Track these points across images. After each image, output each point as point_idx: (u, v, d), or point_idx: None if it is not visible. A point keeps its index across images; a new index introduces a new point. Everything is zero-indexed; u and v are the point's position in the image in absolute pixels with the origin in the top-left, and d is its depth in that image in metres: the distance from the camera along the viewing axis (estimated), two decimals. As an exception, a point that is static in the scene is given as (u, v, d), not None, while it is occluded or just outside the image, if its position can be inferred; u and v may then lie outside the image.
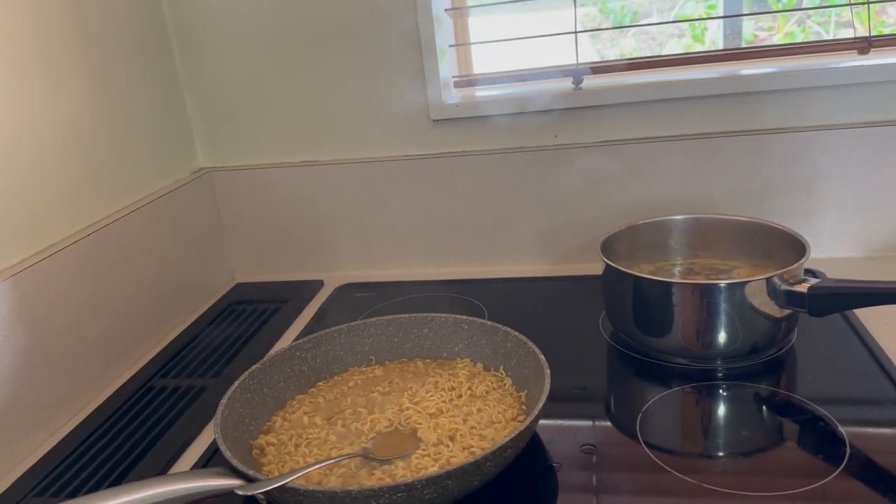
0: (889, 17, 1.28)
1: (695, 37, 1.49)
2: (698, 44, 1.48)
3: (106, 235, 0.95)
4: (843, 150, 1.02)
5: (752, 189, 1.06)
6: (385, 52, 1.10)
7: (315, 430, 0.75)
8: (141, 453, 0.77)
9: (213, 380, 0.91)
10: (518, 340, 0.80)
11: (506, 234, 1.17)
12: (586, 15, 1.49)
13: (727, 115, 1.05)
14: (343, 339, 0.87)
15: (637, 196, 1.10)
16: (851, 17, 1.04)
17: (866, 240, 1.06)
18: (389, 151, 1.16)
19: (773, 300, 0.78)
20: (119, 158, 1.02)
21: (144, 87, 1.09)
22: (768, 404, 0.77)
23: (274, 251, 1.24)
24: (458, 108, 1.11)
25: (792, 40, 1.36)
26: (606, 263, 0.87)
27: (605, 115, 1.09)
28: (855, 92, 1.01)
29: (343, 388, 0.83)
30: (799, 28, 1.40)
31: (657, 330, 0.84)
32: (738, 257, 0.94)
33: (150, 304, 1.03)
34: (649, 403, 0.77)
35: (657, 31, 1.43)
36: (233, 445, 0.68)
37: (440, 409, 0.76)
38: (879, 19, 1.29)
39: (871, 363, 0.79)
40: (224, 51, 1.15)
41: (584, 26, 1.25)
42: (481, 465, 0.61)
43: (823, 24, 1.34)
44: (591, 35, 1.30)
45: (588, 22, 1.44)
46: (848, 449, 0.66)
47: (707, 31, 1.46)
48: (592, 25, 1.44)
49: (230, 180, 1.21)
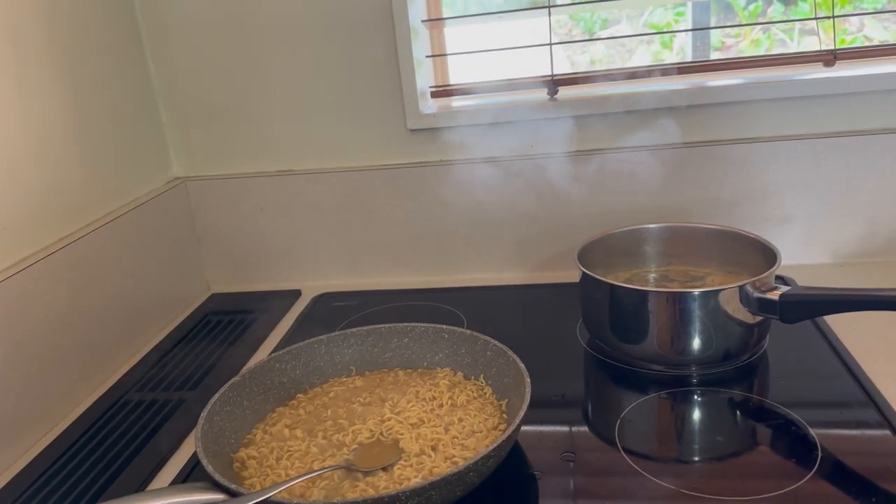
0: (851, 24, 1.32)
1: (663, 43, 1.52)
2: (667, 50, 1.51)
3: (79, 248, 0.94)
4: (811, 159, 1.05)
5: (724, 198, 1.09)
6: (362, 62, 1.11)
7: (296, 443, 0.75)
8: (118, 469, 0.76)
9: (190, 392, 0.90)
10: (498, 349, 0.81)
11: (484, 243, 1.17)
12: (557, 21, 1.51)
13: (698, 125, 1.07)
14: (323, 350, 0.87)
15: (612, 205, 1.11)
16: (815, 25, 1.07)
17: (834, 247, 1.09)
18: (366, 161, 1.16)
19: (746, 307, 0.80)
20: (92, 169, 1.01)
21: (118, 97, 1.08)
22: (742, 409, 0.78)
23: (250, 261, 1.23)
24: (435, 118, 1.12)
25: (757, 47, 1.40)
26: (583, 272, 0.88)
27: (579, 125, 1.10)
28: (822, 103, 1.04)
29: (324, 399, 0.83)
30: (764, 35, 1.44)
31: (633, 337, 0.85)
32: (711, 264, 0.96)
33: (124, 316, 1.02)
34: (627, 410, 0.78)
35: (627, 39, 1.46)
36: (214, 459, 0.68)
37: (421, 419, 0.76)
38: (842, 27, 1.32)
39: (841, 368, 0.82)
40: (199, 60, 1.15)
41: (556, 33, 1.27)
42: (464, 475, 0.61)
43: (787, 31, 1.38)
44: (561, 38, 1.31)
45: (559, 28, 1.46)
46: (819, 452, 0.68)
47: (675, 38, 1.49)
48: (563, 31, 1.46)
49: (205, 190, 1.20)
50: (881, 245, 1.08)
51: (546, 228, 1.15)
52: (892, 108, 1.03)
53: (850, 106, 1.04)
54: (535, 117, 1.10)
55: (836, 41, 1.06)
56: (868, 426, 0.72)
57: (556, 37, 1.40)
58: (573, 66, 1.42)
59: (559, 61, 1.11)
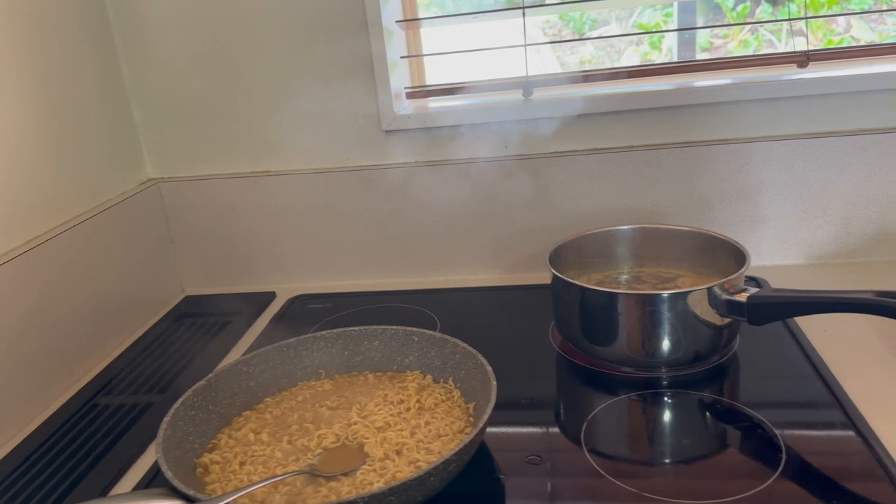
0: (839, 25, 1.32)
1: (652, 44, 1.52)
2: (655, 51, 1.51)
3: (48, 250, 0.93)
4: (784, 160, 1.05)
5: (698, 199, 1.09)
6: (336, 62, 1.10)
7: (261, 447, 0.74)
8: (81, 474, 0.75)
9: (159, 396, 0.90)
10: (467, 352, 0.80)
11: (459, 245, 1.17)
12: (547, 22, 1.51)
13: (673, 126, 1.07)
14: (292, 354, 0.87)
15: (587, 206, 1.11)
16: (803, 26, 1.07)
17: (808, 247, 1.09)
18: (341, 162, 1.15)
19: (715, 309, 0.80)
20: (63, 170, 1.00)
21: (90, 98, 1.07)
22: (710, 411, 0.78)
23: (225, 263, 1.22)
24: (410, 118, 1.12)
25: (746, 48, 1.40)
26: (553, 274, 0.88)
27: (554, 127, 1.10)
28: (795, 104, 1.04)
29: (291, 403, 0.82)
30: (752, 36, 1.44)
31: (603, 339, 0.85)
32: (683, 266, 0.96)
33: (95, 319, 1.01)
34: (594, 412, 0.78)
35: (616, 39, 1.46)
36: (175, 465, 0.67)
37: (388, 423, 0.75)
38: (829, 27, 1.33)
39: (809, 369, 0.82)
40: (172, 61, 1.14)
41: (546, 33, 1.27)
42: (424, 480, 0.61)
43: (776, 33, 1.38)
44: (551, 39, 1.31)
45: (549, 28, 1.46)
46: (784, 454, 0.68)
47: (664, 38, 1.49)
48: (553, 32, 1.46)
49: (179, 191, 1.19)
50: (855, 246, 1.08)
51: (521, 230, 1.14)
52: (864, 109, 1.03)
53: (824, 107, 1.04)
54: (511, 118, 1.10)
55: (809, 43, 1.06)
56: (833, 427, 0.72)
57: (546, 37, 1.40)
58: (563, 66, 1.42)
59: (549, 61, 1.11)
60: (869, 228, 1.07)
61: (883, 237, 1.06)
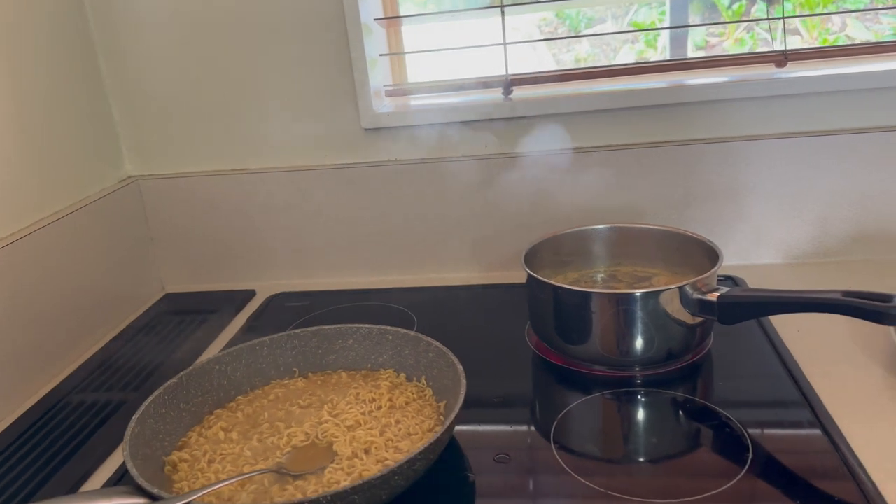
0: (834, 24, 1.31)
1: (648, 43, 1.52)
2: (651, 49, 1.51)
3: (24, 247, 0.93)
4: (763, 160, 1.05)
5: (676, 198, 1.09)
6: (315, 59, 1.10)
7: (230, 446, 0.74)
8: (51, 472, 0.75)
9: (133, 393, 0.89)
10: (439, 350, 0.80)
11: (438, 243, 1.17)
12: (543, 20, 1.51)
13: (651, 125, 1.07)
14: (265, 352, 0.87)
15: (566, 205, 1.11)
16: (798, 26, 1.07)
17: (787, 247, 1.10)
18: (321, 160, 1.15)
19: (686, 308, 0.80)
20: (40, 166, 1.00)
21: (68, 94, 1.06)
22: (681, 410, 0.78)
23: (205, 261, 1.22)
24: (390, 117, 1.12)
25: (741, 46, 1.40)
26: (528, 273, 0.88)
27: (534, 126, 1.10)
28: (773, 104, 1.05)
29: (263, 401, 0.82)
30: (748, 34, 1.44)
31: (577, 338, 0.85)
32: (659, 265, 0.97)
33: (72, 317, 1.01)
34: (565, 411, 0.78)
35: (611, 37, 1.46)
36: (143, 463, 0.67)
37: (358, 422, 0.75)
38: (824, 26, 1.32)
39: (780, 368, 0.82)
40: (152, 57, 1.13)
41: (542, 31, 1.27)
42: (388, 479, 0.61)
43: (772, 31, 1.38)
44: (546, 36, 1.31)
45: (545, 26, 1.46)
46: (751, 454, 0.68)
47: (659, 37, 1.49)
48: (549, 30, 1.46)
49: (159, 189, 1.19)
50: (832, 245, 1.08)
51: (501, 229, 1.14)
52: (842, 109, 1.03)
53: (801, 107, 1.04)
54: (490, 117, 1.10)
55: (788, 43, 1.06)
56: (801, 426, 0.73)
57: (542, 35, 1.40)
58: (558, 63, 1.42)
59: (544, 58, 1.11)
60: (846, 228, 1.07)
61: (860, 237, 1.07)
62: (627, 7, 1.43)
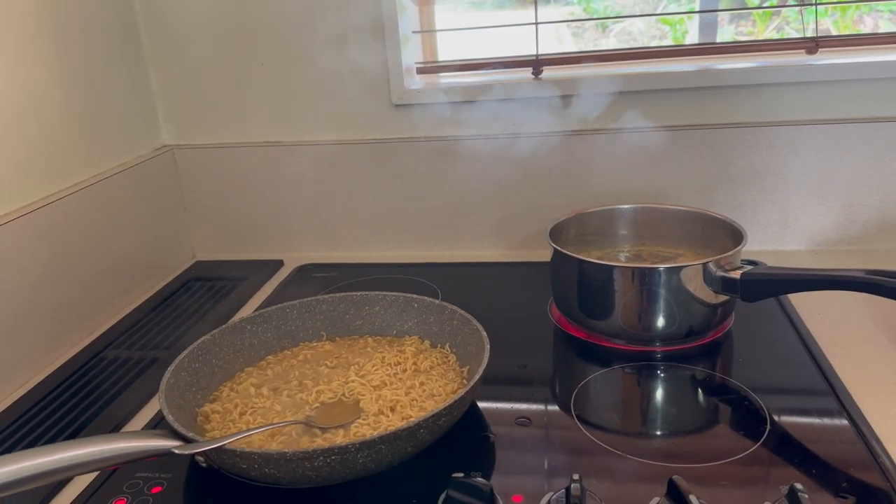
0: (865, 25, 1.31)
1: (676, 39, 1.52)
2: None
3: (62, 207, 0.96)
4: (789, 146, 1.06)
5: (702, 181, 1.10)
6: (348, 35, 1.12)
7: (261, 400, 0.77)
8: (86, 421, 0.78)
9: (164, 352, 0.92)
10: (464, 318, 0.82)
11: (465, 220, 1.19)
12: (571, 14, 1.52)
13: (680, 108, 1.08)
14: (295, 315, 0.89)
15: (592, 185, 1.12)
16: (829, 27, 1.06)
17: (810, 234, 1.10)
18: (351, 135, 1.17)
19: (709, 285, 0.82)
20: (79, 132, 1.03)
21: (109, 64, 1.09)
22: (699, 384, 0.80)
23: (235, 230, 1.25)
24: (420, 93, 1.13)
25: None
26: (553, 247, 0.89)
27: (562, 106, 1.11)
28: (803, 90, 1.05)
29: (292, 361, 0.85)
30: (778, 34, 1.43)
31: (599, 312, 0.86)
32: (682, 245, 0.98)
33: (107, 278, 1.04)
34: (585, 381, 0.80)
35: (638, 32, 1.46)
36: (177, 412, 0.70)
37: (384, 382, 0.78)
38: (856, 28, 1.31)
39: (800, 347, 0.83)
40: (190, 31, 1.16)
41: (568, 25, 1.28)
42: (415, 431, 0.63)
43: (801, 31, 1.38)
44: (573, 34, 1.32)
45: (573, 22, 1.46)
46: (768, 426, 0.69)
47: (688, 34, 1.49)
48: (577, 25, 1.46)
49: (193, 158, 1.22)
50: (857, 233, 1.08)
51: (527, 207, 1.16)
52: (869, 97, 1.03)
53: (830, 94, 1.04)
54: (520, 96, 1.11)
55: (819, 30, 1.06)
56: (819, 402, 0.73)
57: (568, 29, 1.40)
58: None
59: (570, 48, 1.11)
60: (871, 216, 1.07)
61: (884, 225, 1.07)
62: (655, 4, 1.43)
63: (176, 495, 0.66)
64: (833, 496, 0.60)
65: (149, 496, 0.66)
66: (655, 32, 1.47)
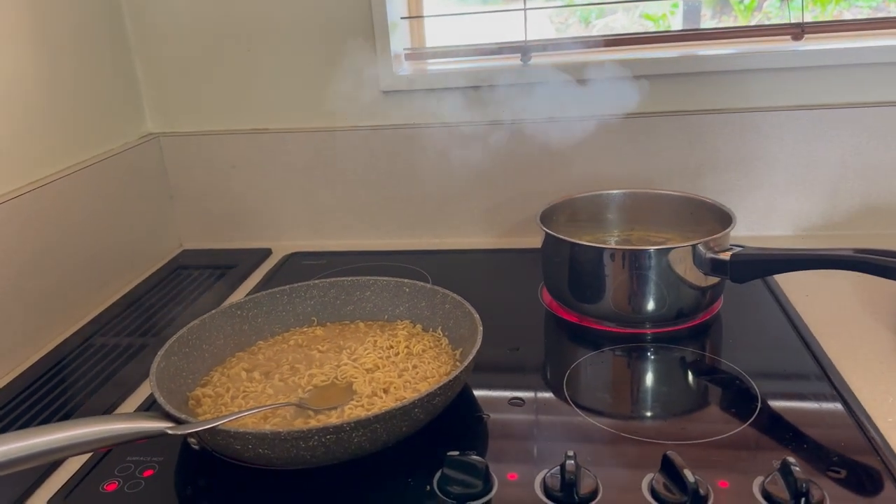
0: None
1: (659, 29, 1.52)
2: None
3: (47, 194, 0.95)
4: (776, 131, 1.07)
5: (689, 167, 1.10)
6: (337, 21, 1.11)
7: (252, 384, 0.76)
8: (75, 407, 0.77)
9: (153, 339, 0.92)
10: (455, 301, 0.82)
11: (454, 207, 1.19)
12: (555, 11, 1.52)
13: (667, 95, 1.09)
14: (285, 300, 0.89)
15: (582, 172, 1.13)
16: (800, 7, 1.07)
17: (797, 219, 1.11)
18: (339, 122, 1.17)
19: (698, 267, 0.82)
20: (63, 119, 1.02)
21: (93, 50, 1.08)
22: (689, 364, 0.80)
23: (223, 219, 1.24)
24: (409, 80, 1.13)
25: None
26: (544, 231, 0.89)
27: (551, 92, 1.11)
28: (788, 76, 1.06)
29: (283, 346, 0.84)
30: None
31: (589, 295, 0.87)
32: (672, 230, 0.98)
33: (93, 266, 1.03)
34: (577, 363, 0.80)
35: (622, 28, 1.46)
36: (168, 395, 0.69)
37: (377, 365, 0.78)
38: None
39: (789, 329, 0.84)
40: (175, 16, 1.15)
41: (552, 20, 1.28)
42: (409, 411, 0.63)
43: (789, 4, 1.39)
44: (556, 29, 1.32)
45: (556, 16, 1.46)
46: (759, 404, 0.70)
47: (671, 28, 1.49)
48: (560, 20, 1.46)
49: (179, 146, 1.21)
50: (841, 218, 1.10)
51: (516, 194, 1.16)
52: (855, 82, 1.04)
53: (816, 80, 1.05)
54: (508, 82, 1.11)
55: (805, 16, 1.07)
56: (809, 381, 0.74)
57: (552, 24, 1.41)
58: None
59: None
60: (855, 202, 1.08)
61: (868, 211, 1.08)
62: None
63: (168, 478, 0.66)
64: (824, 471, 0.61)
65: (140, 479, 0.65)
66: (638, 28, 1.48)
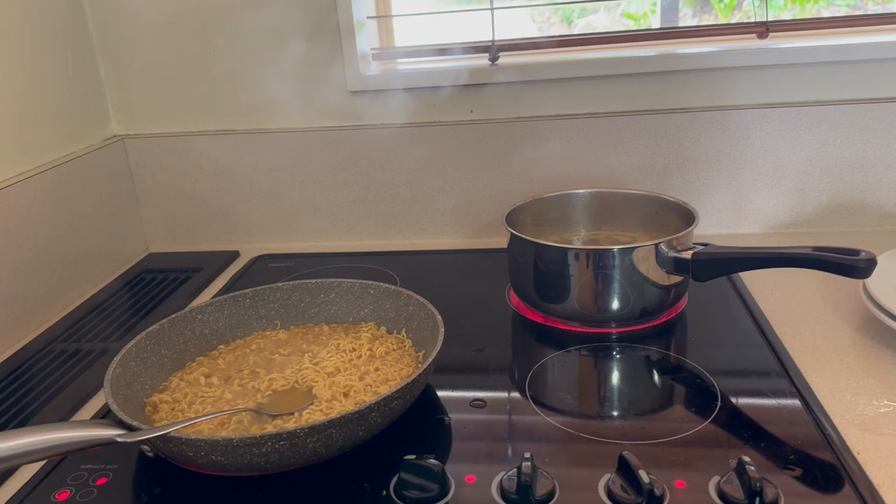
0: None
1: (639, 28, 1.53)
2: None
3: (6, 197, 0.93)
4: (742, 130, 1.07)
5: (656, 166, 1.10)
6: (302, 21, 1.10)
7: (211, 389, 0.75)
8: (30, 414, 0.76)
9: (114, 343, 0.90)
10: (419, 303, 0.82)
11: (423, 208, 1.18)
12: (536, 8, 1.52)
13: (634, 94, 1.09)
14: (248, 303, 0.88)
15: (550, 172, 1.12)
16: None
17: (765, 217, 1.12)
18: (307, 122, 1.16)
19: (661, 266, 0.82)
20: (24, 121, 1.00)
21: (54, 52, 1.06)
22: (652, 363, 0.80)
23: (190, 221, 1.22)
24: (376, 80, 1.12)
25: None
26: (510, 232, 0.89)
27: (519, 92, 1.11)
28: (755, 75, 1.06)
29: (245, 350, 0.83)
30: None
31: (554, 295, 0.86)
32: (638, 229, 0.98)
33: (55, 270, 1.01)
34: (540, 363, 0.80)
35: (602, 27, 1.46)
36: (123, 402, 0.68)
37: (338, 368, 0.77)
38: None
39: (753, 327, 0.84)
40: (140, 18, 1.13)
41: (535, 20, 1.28)
42: (366, 415, 0.62)
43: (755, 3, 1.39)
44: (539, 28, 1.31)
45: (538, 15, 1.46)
46: (719, 403, 0.70)
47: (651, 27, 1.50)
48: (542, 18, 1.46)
49: (145, 148, 1.19)
50: (809, 215, 1.10)
51: (485, 195, 1.16)
52: (821, 81, 1.05)
53: (782, 78, 1.06)
54: (476, 82, 1.11)
55: (769, 14, 1.08)
56: (770, 379, 0.74)
57: (534, 23, 1.40)
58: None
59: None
60: (822, 199, 1.09)
61: (835, 207, 1.09)
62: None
63: (122, 487, 0.64)
64: (780, 468, 0.61)
65: (93, 488, 0.64)
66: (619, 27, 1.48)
